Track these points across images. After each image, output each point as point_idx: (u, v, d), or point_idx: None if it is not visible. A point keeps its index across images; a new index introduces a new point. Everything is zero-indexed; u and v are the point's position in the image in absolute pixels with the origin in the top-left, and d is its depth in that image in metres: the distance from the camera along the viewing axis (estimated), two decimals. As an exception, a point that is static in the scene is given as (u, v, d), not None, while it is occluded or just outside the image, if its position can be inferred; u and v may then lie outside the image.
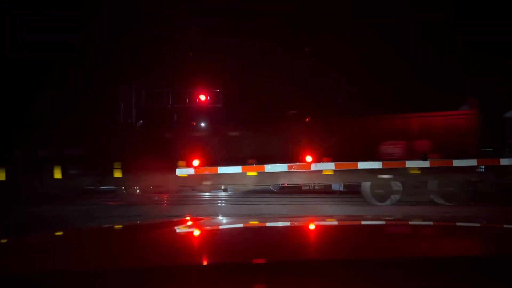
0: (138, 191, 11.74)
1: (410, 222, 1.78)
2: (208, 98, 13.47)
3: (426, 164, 8.75)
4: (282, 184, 10.65)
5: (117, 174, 9.47)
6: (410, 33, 12.87)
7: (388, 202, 9.10)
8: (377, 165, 8.84)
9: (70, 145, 10.09)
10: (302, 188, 10.82)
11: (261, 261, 0.87)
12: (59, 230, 1.80)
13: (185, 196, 11.59)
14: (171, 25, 13.42)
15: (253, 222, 1.99)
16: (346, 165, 9.09)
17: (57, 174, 9.64)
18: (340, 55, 12.95)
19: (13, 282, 0.74)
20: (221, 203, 10.53)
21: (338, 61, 12.88)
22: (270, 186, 10.99)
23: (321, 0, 13.58)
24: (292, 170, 9.24)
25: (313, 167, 9.11)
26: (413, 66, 13.04)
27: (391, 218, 2.17)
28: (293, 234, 1.46)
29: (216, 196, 11.82)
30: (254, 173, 9.17)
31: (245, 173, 9.14)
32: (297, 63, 13.45)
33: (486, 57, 12.28)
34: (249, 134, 9.91)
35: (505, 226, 1.55)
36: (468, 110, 9.25)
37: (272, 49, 13.66)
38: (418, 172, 8.81)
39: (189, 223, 1.80)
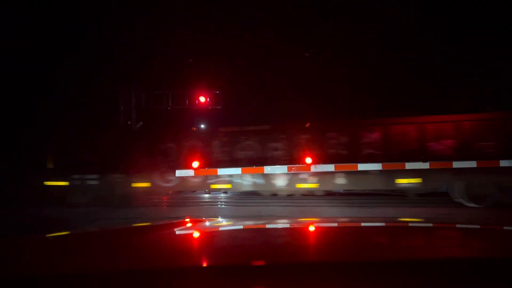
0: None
1: (410, 224, 1.78)
2: (208, 100, 13.48)
3: None
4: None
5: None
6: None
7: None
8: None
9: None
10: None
11: (260, 263, 0.87)
12: (58, 232, 1.80)
13: (185, 198, 11.58)
14: (170, 27, 13.46)
15: (253, 224, 1.99)
16: (347, 167, 9.07)
17: None
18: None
19: (12, 284, 0.74)
20: (221, 205, 10.52)
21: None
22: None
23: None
24: (292, 171, 9.25)
25: (313, 168, 9.12)
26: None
27: (388, 220, 2.17)
28: (292, 236, 1.45)
29: (216, 197, 11.80)
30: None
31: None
32: (297, 65, 13.42)
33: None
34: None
35: None
36: None
37: (272, 51, 13.67)
38: None
39: (189, 224, 1.80)
